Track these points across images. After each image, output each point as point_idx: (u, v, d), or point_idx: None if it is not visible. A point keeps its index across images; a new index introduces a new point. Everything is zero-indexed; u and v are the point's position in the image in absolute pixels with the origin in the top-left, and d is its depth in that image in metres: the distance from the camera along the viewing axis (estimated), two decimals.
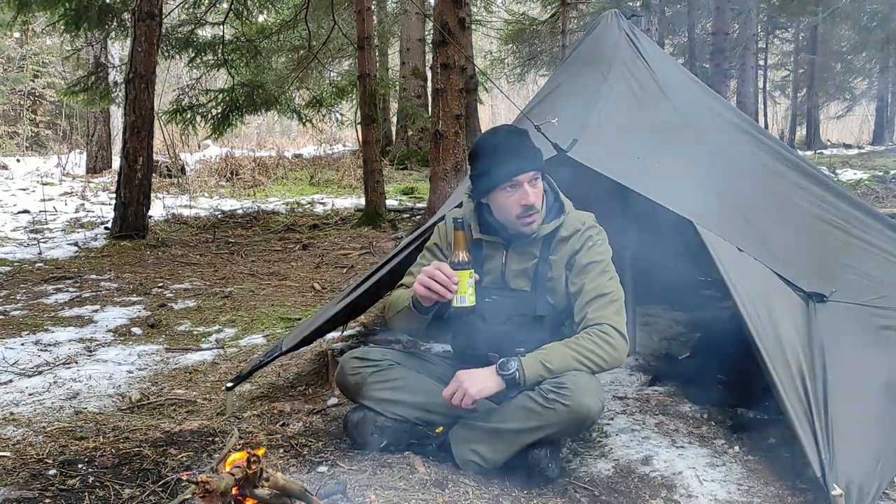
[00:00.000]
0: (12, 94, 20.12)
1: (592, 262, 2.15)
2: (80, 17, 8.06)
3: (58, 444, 2.36)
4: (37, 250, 6.38)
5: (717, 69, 8.87)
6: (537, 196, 2.13)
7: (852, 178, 9.46)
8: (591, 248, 2.17)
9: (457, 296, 2.01)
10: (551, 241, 2.20)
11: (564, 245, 2.19)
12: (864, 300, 2.61)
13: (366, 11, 7.84)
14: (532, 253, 2.21)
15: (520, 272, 2.21)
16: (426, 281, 2.01)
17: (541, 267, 2.19)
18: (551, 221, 2.20)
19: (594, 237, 2.19)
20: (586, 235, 2.18)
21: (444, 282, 2.00)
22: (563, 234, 2.20)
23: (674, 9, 14.45)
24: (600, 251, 2.18)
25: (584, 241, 2.17)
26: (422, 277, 2.03)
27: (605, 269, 2.16)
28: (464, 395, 2.00)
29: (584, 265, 2.15)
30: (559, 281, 2.19)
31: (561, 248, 2.19)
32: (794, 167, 3.05)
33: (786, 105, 20.96)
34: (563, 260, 2.18)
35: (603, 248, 2.19)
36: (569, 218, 2.22)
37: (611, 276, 2.16)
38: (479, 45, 20.01)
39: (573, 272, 2.17)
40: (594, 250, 2.17)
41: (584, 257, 2.16)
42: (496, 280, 2.24)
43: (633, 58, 3.03)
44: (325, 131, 16.91)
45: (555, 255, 2.19)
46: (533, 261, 2.20)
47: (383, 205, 8.11)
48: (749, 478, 2.13)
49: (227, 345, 3.74)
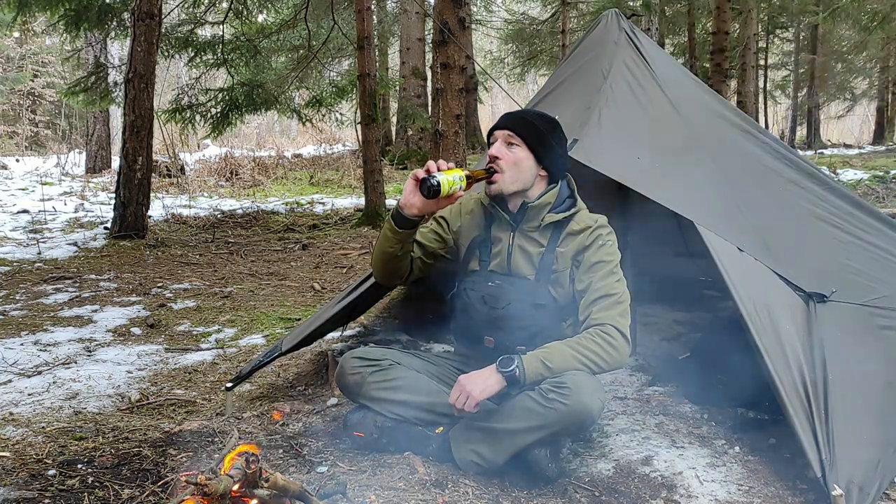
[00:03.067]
0: (12, 94, 20.12)
1: (601, 261, 2.15)
2: (80, 17, 8.06)
3: (57, 444, 2.35)
4: (36, 250, 6.38)
5: (717, 69, 8.86)
6: (506, 157, 2.17)
7: (853, 177, 9.46)
8: (602, 247, 2.17)
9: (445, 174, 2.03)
10: (560, 233, 2.21)
11: (574, 239, 2.19)
12: (864, 300, 2.60)
13: (366, 11, 7.83)
14: (539, 241, 2.22)
15: (525, 259, 2.22)
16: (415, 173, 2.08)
17: (546, 257, 2.20)
18: (560, 212, 2.22)
19: (605, 237, 2.19)
20: (597, 234, 2.18)
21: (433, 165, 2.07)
22: (574, 227, 2.20)
23: (674, 9, 14.44)
24: (610, 251, 2.18)
25: (595, 239, 2.18)
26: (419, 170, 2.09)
27: (614, 271, 2.16)
28: (467, 398, 2.00)
29: (593, 263, 2.15)
30: (564, 274, 2.18)
31: (570, 241, 2.20)
32: (794, 167, 3.05)
33: (786, 105, 20.97)
34: (570, 254, 2.18)
35: (613, 249, 2.19)
36: (580, 214, 2.24)
37: (619, 278, 2.16)
38: (479, 44, 20.01)
39: (581, 269, 2.17)
40: (604, 250, 2.17)
41: (593, 255, 2.16)
42: (502, 265, 2.25)
43: (633, 58, 3.03)
44: (324, 131, 16.93)
45: (563, 248, 2.20)
46: (539, 249, 2.21)
47: (383, 205, 8.10)
48: (749, 478, 2.12)
49: (227, 345, 3.73)
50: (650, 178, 2.59)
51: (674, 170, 2.69)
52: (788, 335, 2.23)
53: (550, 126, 2.23)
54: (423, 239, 2.32)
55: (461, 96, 5.58)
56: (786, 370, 2.12)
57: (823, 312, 2.40)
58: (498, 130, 2.21)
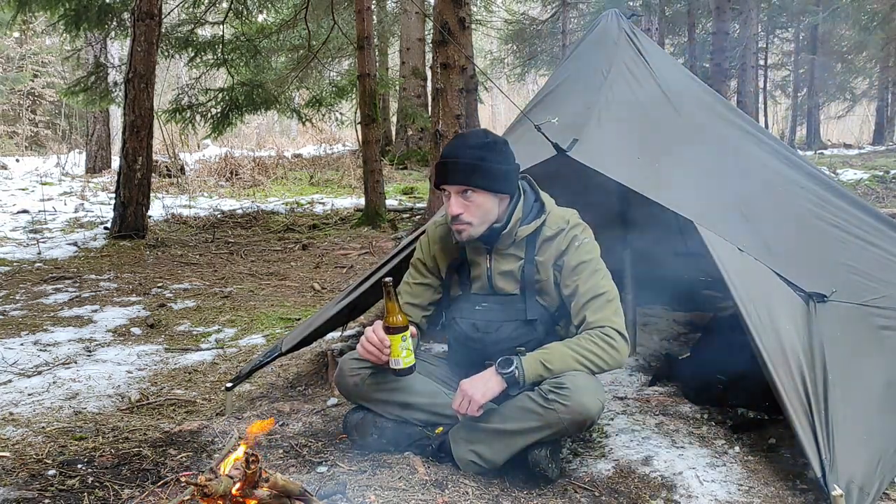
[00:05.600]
0: (12, 94, 20.12)
1: (582, 262, 2.12)
2: (80, 17, 8.06)
3: (57, 444, 2.35)
4: (36, 250, 6.38)
5: (717, 69, 8.86)
6: (468, 209, 2.09)
7: (853, 177, 9.46)
8: (579, 247, 2.14)
9: (391, 358, 2.06)
10: (535, 242, 2.18)
11: (550, 245, 2.16)
12: (864, 300, 2.60)
13: (365, 11, 7.83)
14: (516, 255, 2.19)
15: (506, 274, 2.20)
16: (364, 343, 2.08)
17: (527, 269, 2.17)
18: (531, 222, 2.18)
19: (580, 236, 2.16)
20: (571, 235, 2.15)
21: (375, 347, 2.05)
22: (548, 233, 2.17)
23: (674, 9, 14.45)
24: (588, 249, 2.15)
25: (571, 241, 2.14)
26: (362, 339, 2.09)
27: (597, 268, 2.14)
28: (469, 403, 2.00)
29: (574, 266, 2.12)
30: (548, 282, 2.16)
31: (546, 248, 2.17)
32: (794, 167, 3.05)
33: (786, 105, 20.97)
34: (549, 261, 2.16)
35: (590, 245, 2.16)
36: (550, 217, 2.19)
37: (603, 274, 2.14)
38: (479, 45, 20.01)
39: (563, 273, 2.14)
40: (582, 249, 2.14)
41: (572, 258, 2.13)
42: (484, 286, 2.23)
43: (633, 58, 3.03)
44: (324, 131, 16.93)
45: (541, 257, 2.17)
46: (518, 262, 2.18)
47: (383, 205, 8.11)
48: (749, 478, 2.12)
49: (227, 345, 3.73)
50: (650, 178, 2.59)
51: (674, 170, 2.69)
52: (788, 335, 2.23)
53: (487, 151, 2.10)
54: (416, 299, 2.31)
55: (461, 96, 5.58)
56: (786, 370, 2.12)
57: (823, 312, 2.40)
58: (446, 186, 2.11)
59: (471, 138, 2.14)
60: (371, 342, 2.05)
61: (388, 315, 2.05)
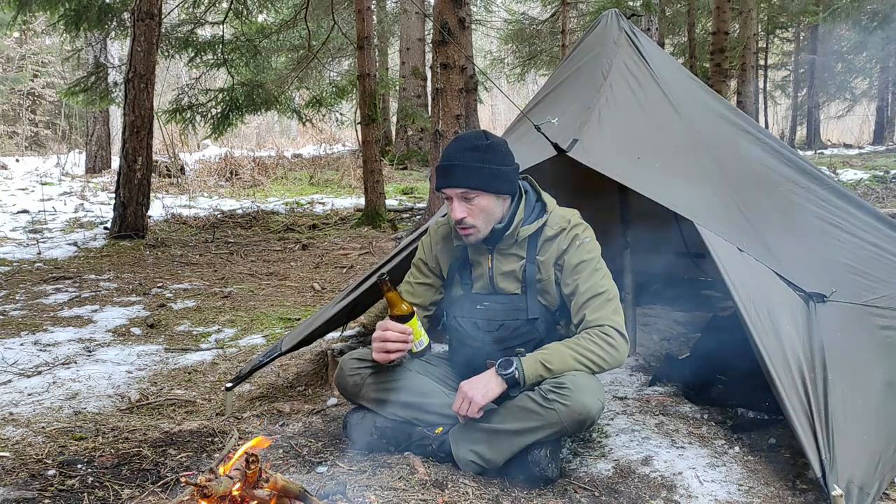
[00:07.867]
0: (12, 94, 20.12)
1: (582, 261, 2.13)
2: (80, 17, 8.07)
3: (57, 444, 2.35)
4: (36, 250, 6.38)
5: (717, 69, 8.84)
6: (470, 213, 2.10)
7: (853, 177, 9.46)
8: (580, 246, 2.15)
9: (414, 342, 2.10)
10: (537, 242, 2.19)
11: (551, 245, 2.17)
12: (864, 300, 2.60)
13: (365, 11, 7.84)
14: (517, 255, 2.20)
15: (508, 274, 2.20)
16: (383, 346, 2.07)
17: (528, 268, 2.18)
18: (533, 222, 2.19)
19: (581, 235, 2.17)
20: (573, 234, 2.16)
21: (399, 338, 2.07)
22: (549, 233, 2.18)
23: (674, 9, 14.44)
24: (589, 249, 2.16)
25: (572, 240, 2.16)
26: (376, 345, 2.09)
27: (597, 268, 2.14)
28: (470, 404, 2.00)
29: (575, 265, 2.13)
30: (549, 282, 2.17)
31: (547, 248, 2.18)
32: (794, 167, 3.05)
33: (786, 105, 20.98)
34: (551, 260, 2.17)
35: (591, 245, 2.17)
36: (552, 217, 2.20)
37: (603, 273, 2.15)
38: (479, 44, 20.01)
39: (564, 272, 2.15)
40: (583, 248, 2.15)
41: (573, 257, 2.14)
42: (486, 286, 2.23)
43: (633, 58, 3.03)
44: (324, 131, 16.93)
45: (542, 256, 2.18)
46: (520, 262, 2.19)
47: (383, 205, 8.10)
48: (749, 478, 2.12)
49: (227, 345, 3.73)
50: (650, 178, 2.59)
51: (674, 170, 2.69)
52: (788, 335, 2.23)
53: (486, 153, 2.10)
54: (417, 299, 2.31)
55: (461, 96, 5.58)
56: (786, 370, 2.12)
57: (823, 312, 2.40)
58: (447, 189, 2.12)
59: (469, 140, 2.14)
60: (392, 338, 2.06)
61: (394, 306, 2.09)
